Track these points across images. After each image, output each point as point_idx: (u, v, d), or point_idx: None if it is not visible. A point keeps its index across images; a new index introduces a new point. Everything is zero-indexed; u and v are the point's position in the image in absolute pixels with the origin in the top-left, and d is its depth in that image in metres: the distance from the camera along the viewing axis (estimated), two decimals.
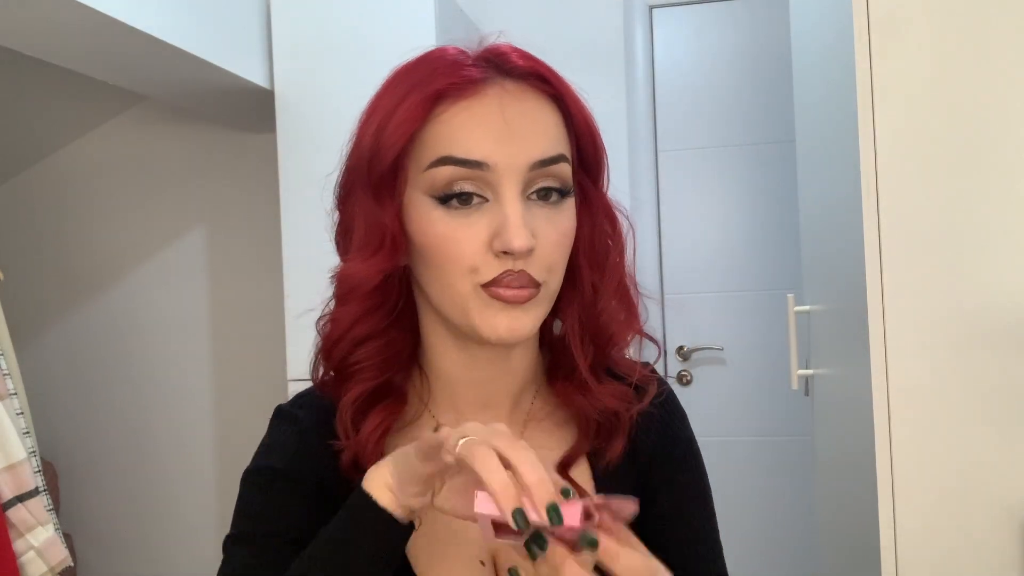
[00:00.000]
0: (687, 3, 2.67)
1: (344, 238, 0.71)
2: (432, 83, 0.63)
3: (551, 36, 2.54)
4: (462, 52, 0.66)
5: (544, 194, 0.65)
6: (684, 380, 2.67)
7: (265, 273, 2.61)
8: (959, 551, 1.16)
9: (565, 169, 0.65)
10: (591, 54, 2.53)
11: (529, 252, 0.62)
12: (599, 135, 0.69)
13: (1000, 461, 1.15)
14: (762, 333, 2.59)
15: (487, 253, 0.63)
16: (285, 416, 0.76)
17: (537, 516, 0.50)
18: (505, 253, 0.62)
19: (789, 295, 1.76)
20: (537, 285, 0.64)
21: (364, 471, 0.69)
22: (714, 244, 2.65)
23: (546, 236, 0.64)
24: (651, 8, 2.69)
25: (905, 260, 1.18)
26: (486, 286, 0.63)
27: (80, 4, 1.60)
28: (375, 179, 0.65)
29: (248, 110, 2.43)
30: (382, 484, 0.59)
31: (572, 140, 0.68)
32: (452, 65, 0.64)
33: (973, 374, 1.16)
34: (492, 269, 0.63)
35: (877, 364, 1.19)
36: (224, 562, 0.70)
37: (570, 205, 0.67)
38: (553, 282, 0.67)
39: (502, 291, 0.63)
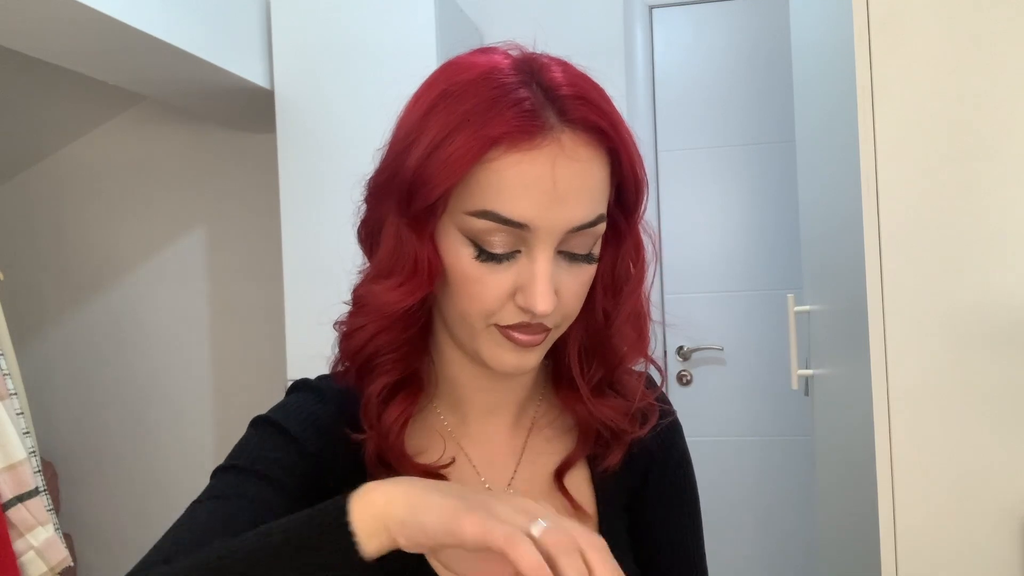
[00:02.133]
0: (687, 3, 2.67)
1: (369, 237, 0.70)
2: (489, 126, 0.59)
3: (551, 36, 2.52)
4: (520, 78, 0.62)
5: (571, 256, 0.64)
6: (684, 380, 2.67)
7: (265, 273, 2.61)
8: (959, 551, 1.16)
9: (600, 228, 0.65)
10: (591, 54, 2.51)
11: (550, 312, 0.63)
12: (644, 180, 0.67)
13: (1000, 461, 1.15)
14: (762, 333, 2.59)
15: (509, 301, 0.63)
16: (310, 387, 0.74)
17: None
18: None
19: (789, 295, 1.76)
20: (549, 329, 0.65)
21: (388, 464, 0.69)
22: (714, 244, 2.65)
23: (568, 288, 0.64)
24: (651, 8, 2.69)
25: (905, 260, 1.18)
26: (500, 327, 0.64)
27: (80, 4, 1.60)
28: (415, 210, 0.63)
29: (248, 110, 2.43)
30: (376, 511, 0.51)
31: (614, 184, 0.66)
32: (512, 106, 0.60)
33: (973, 374, 1.16)
34: (510, 316, 0.64)
35: (877, 364, 1.19)
36: (205, 489, 0.68)
37: (591, 270, 0.67)
38: (566, 324, 0.68)
39: (516, 335, 0.64)
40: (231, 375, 2.80)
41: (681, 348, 2.66)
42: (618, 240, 0.69)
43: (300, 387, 0.75)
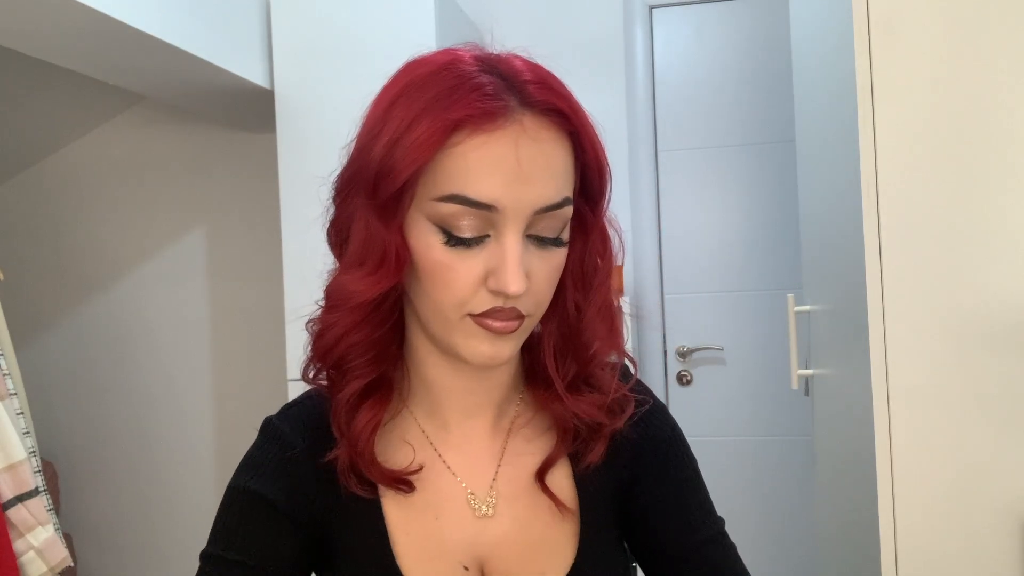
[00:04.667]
0: (687, 3, 2.67)
1: (338, 236, 0.71)
2: (451, 110, 0.61)
3: (551, 36, 2.54)
4: (480, 67, 0.64)
5: (540, 240, 0.65)
6: (684, 380, 2.67)
7: (265, 273, 2.61)
8: (959, 551, 1.16)
9: (567, 212, 0.65)
10: (591, 54, 2.53)
11: (522, 294, 0.63)
12: (607, 167, 0.68)
13: (1000, 461, 1.15)
14: (762, 333, 2.59)
15: (480, 288, 0.63)
16: (273, 434, 0.74)
17: None
18: (498, 292, 0.63)
19: (789, 295, 1.76)
20: (523, 317, 0.65)
21: (359, 474, 0.69)
22: (714, 244, 2.65)
23: (539, 273, 0.65)
24: (651, 8, 2.69)
25: (905, 260, 1.18)
26: (474, 316, 0.64)
27: (80, 4, 1.60)
28: (382, 198, 0.63)
29: (248, 110, 2.43)
30: None
31: (579, 171, 0.67)
32: (473, 90, 0.61)
33: (973, 374, 1.16)
34: (483, 303, 0.64)
35: (877, 364, 1.19)
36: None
37: (561, 254, 0.67)
38: (539, 313, 0.68)
39: (490, 322, 0.64)
40: (231, 375, 2.80)
41: (681, 348, 2.66)
42: (585, 233, 0.70)
43: (266, 430, 0.75)
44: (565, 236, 0.66)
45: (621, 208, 2.49)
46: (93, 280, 2.89)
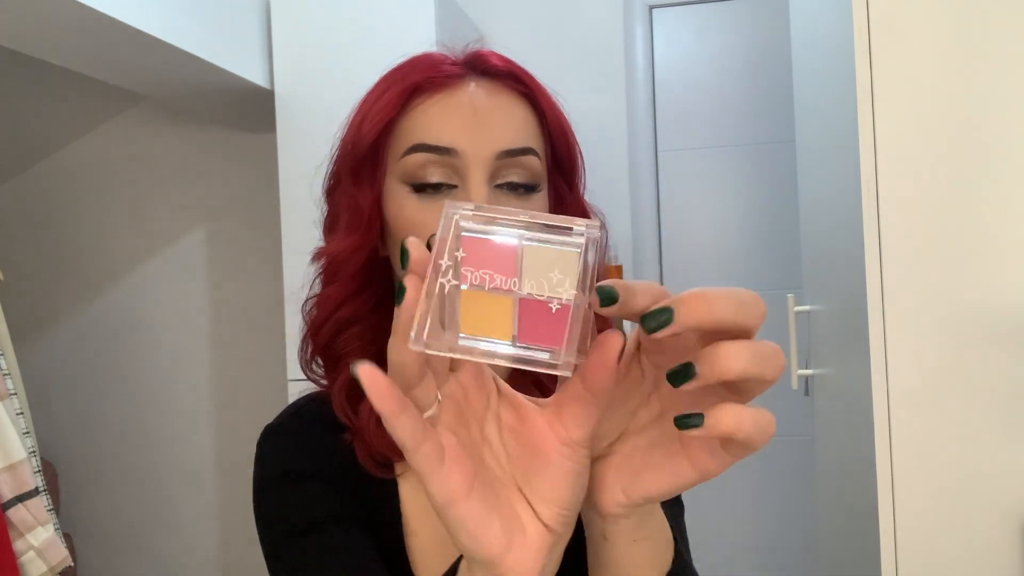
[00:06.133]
0: (687, 3, 2.67)
1: (331, 229, 0.73)
2: (409, 78, 0.67)
3: (551, 36, 2.54)
4: (445, 55, 0.70)
5: (512, 187, 0.67)
6: None
7: (265, 273, 2.61)
8: (959, 551, 1.16)
9: (533, 162, 0.67)
10: (591, 54, 2.53)
11: None
12: (573, 136, 0.72)
13: (1000, 461, 1.15)
14: (762, 333, 2.58)
15: None
16: (274, 428, 0.74)
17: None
18: None
19: (789, 295, 1.76)
20: None
21: (381, 461, 0.69)
22: (714, 244, 2.65)
23: None
24: (651, 8, 2.68)
25: (905, 260, 1.18)
26: None
27: (80, 4, 1.60)
28: (355, 165, 0.69)
29: (248, 110, 2.43)
30: None
31: (546, 139, 0.70)
32: (431, 64, 0.68)
33: (973, 374, 1.16)
34: None
35: (877, 364, 1.19)
36: (287, 561, 0.66)
37: (539, 200, 0.68)
38: None
39: None
40: (231, 375, 2.80)
41: None
42: (564, 210, 0.73)
43: (266, 432, 0.75)
44: (542, 186, 0.68)
45: (621, 208, 2.49)
46: (93, 280, 2.89)
